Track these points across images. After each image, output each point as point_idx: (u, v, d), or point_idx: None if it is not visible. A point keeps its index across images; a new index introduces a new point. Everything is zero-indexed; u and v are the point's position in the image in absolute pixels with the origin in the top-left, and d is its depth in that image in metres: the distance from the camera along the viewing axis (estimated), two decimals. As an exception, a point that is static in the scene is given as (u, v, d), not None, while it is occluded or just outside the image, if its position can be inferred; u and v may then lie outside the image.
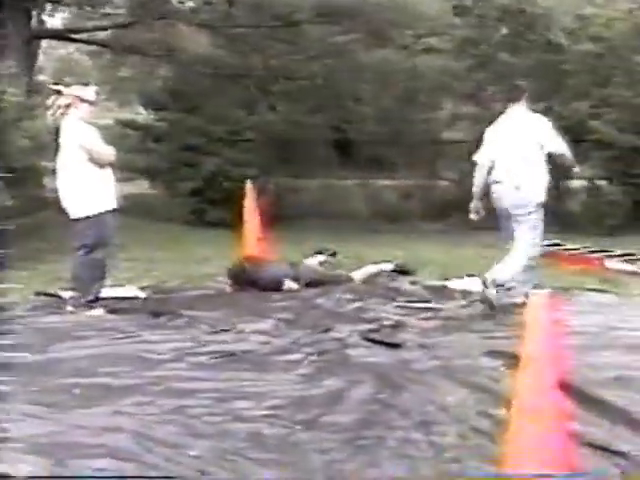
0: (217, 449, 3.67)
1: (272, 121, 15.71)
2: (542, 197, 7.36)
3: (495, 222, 12.61)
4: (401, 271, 8.70)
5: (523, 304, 4.91)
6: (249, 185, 8.94)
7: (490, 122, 7.98)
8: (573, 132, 14.76)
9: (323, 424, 4.05)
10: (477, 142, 12.37)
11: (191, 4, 16.51)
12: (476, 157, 7.94)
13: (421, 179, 16.68)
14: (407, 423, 4.04)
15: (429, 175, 16.69)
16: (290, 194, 16.46)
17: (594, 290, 8.10)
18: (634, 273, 8.95)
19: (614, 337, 5.91)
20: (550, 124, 7.50)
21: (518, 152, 7.41)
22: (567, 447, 2.97)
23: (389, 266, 8.71)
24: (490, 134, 7.79)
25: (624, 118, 13.56)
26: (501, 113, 7.78)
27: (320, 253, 9.04)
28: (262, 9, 14.63)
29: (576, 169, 8.00)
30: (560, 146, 7.45)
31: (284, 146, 16.03)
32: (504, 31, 15.51)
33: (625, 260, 9.29)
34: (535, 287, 6.88)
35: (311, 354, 5.42)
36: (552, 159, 7.44)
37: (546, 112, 15.14)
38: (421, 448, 3.71)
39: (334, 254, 9.25)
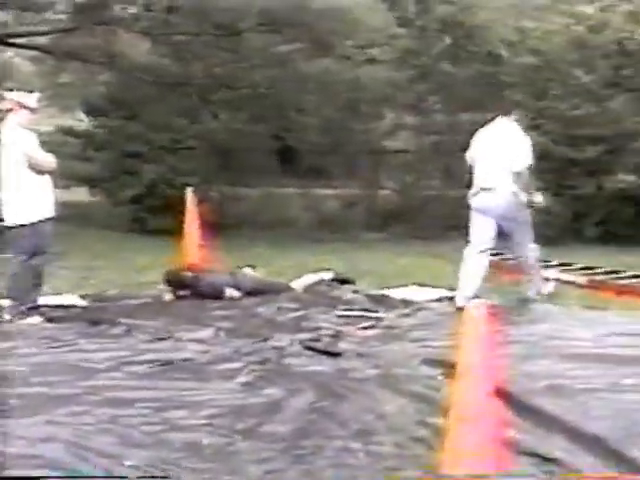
0: (154, 459, 3.63)
1: (214, 129, 15.66)
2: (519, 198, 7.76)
3: (434, 232, 12.71)
4: (341, 280, 8.72)
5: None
6: (190, 193, 8.90)
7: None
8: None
9: (262, 433, 4.03)
10: (419, 152, 12.42)
11: (133, 11, 16.38)
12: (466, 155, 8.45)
13: (363, 188, 16.74)
14: (346, 432, 4.04)
15: (371, 184, 16.75)
16: (231, 202, 16.41)
17: (532, 300, 8.19)
18: (571, 283, 9.07)
19: (551, 346, 5.97)
20: (528, 146, 7.85)
21: (503, 161, 7.77)
22: (503, 455, 3.00)
23: (329, 275, 8.72)
24: (477, 140, 8.29)
25: (559, 130, 13.76)
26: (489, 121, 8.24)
27: (249, 267, 8.93)
28: (204, 17, 14.57)
29: (538, 199, 8.08)
30: (523, 167, 7.75)
31: (226, 154, 15.99)
32: (445, 42, 15.66)
33: (562, 270, 9.40)
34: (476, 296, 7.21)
35: (251, 363, 5.40)
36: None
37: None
38: (359, 457, 3.71)
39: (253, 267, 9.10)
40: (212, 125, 15.90)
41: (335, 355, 5.64)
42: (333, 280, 8.68)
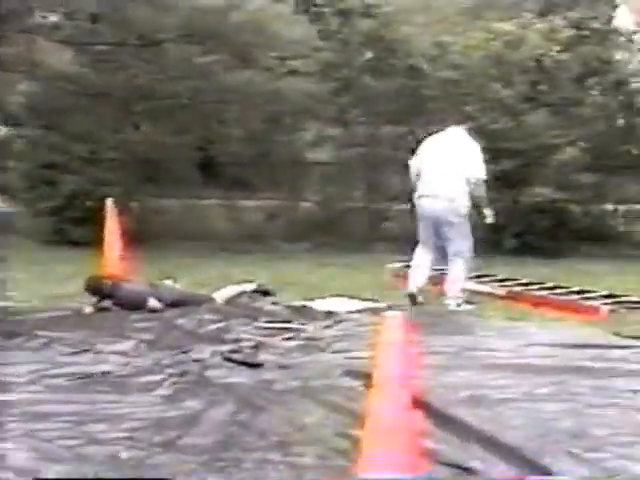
0: (72, 473, 3.59)
1: (135, 140, 15.52)
2: (466, 209, 8.50)
3: (357, 244, 12.84)
4: (263, 292, 8.72)
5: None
6: (110, 204, 8.83)
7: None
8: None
9: (181, 446, 4.02)
10: (341, 164, 12.52)
11: (54, 19, 16.16)
12: (410, 162, 8.97)
13: (285, 200, 16.74)
14: (265, 444, 4.04)
15: (293, 196, 16.77)
16: (153, 214, 16.28)
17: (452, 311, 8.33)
18: (489, 294, 9.20)
19: (470, 357, 6.07)
20: (480, 156, 8.52)
21: (451, 168, 8.48)
22: (420, 465, 3.03)
23: (251, 286, 8.71)
24: (426, 146, 8.87)
25: (479, 143, 13.96)
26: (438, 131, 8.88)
27: (171, 279, 8.87)
28: (126, 27, 14.46)
29: (489, 214, 8.80)
30: (479, 174, 8.48)
31: (148, 166, 15.85)
32: (367, 56, 15.77)
33: (480, 282, 9.54)
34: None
35: (171, 375, 5.38)
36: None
37: (407, 134, 15.59)
38: (279, 469, 3.72)
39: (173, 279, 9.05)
40: (134, 136, 15.77)
41: (256, 366, 5.65)
42: (255, 291, 8.68)
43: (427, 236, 8.76)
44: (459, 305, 8.49)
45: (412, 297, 8.62)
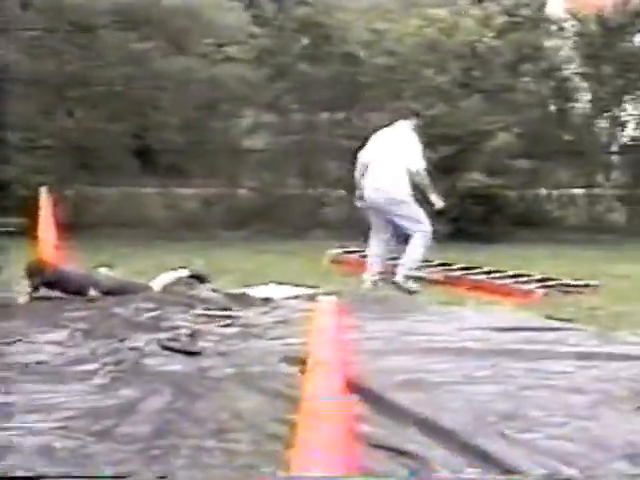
0: (5, 465, 3.55)
1: (70, 128, 15.35)
2: (406, 195, 8.82)
3: (294, 230, 12.87)
4: (198, 277, 8.70)
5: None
6: (45, 193, 8.73)
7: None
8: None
9: (117, 435, 3.99)
10: (277, 151, 12.52)
11: (-18, 5, 15.89)
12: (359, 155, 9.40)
13: (222, 187, 16.68)
14: (202, 431, 4.04)
15: (230, 183, 16.72)
16: (89, 202, 16.14)
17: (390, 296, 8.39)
18: (426, 279, 9.28)
19: (406, 341, 6.11)
20: (419, 146, 8.95)
21: (391, 161, 8.88)
22: (356, 449, 3.05)
23: (185, 272, 8.68)
24: (373, 141, 9.29)
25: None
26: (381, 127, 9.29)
27: (107, 267, 8.82)
28: (58, 13, 14.27)
29: (436, 200, 9.02)
30: (420, 166, 8.87)
31: (83, 153, 15.69)
32: (303, 42, 15.76)
33: (420, 266, 9.59)
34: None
35: (107, 364, 5.34)
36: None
37: (343, 121, 15.64)
38: (215, 456, 3.72)
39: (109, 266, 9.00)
40: (68, 123, 15.59)
41: (193, 354, 5.64)
42: (191, 277, 8.65)
43: (377, 226, 9.14)
44: (405, 282, 8.67)
45: (374, 283, 9.02)
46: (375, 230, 9.20)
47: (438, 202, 8.97)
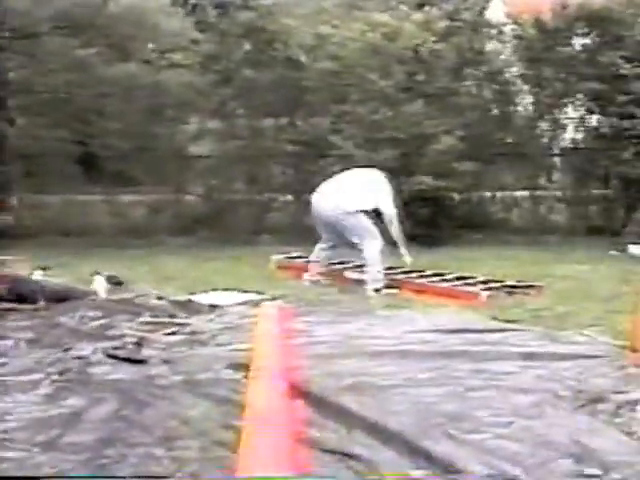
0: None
1: (11, 135, 15.19)
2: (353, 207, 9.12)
3: (241, 236, 12.87)
4: (115, 282, 8.65)
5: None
6: (-15, 201, 8.64)
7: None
8: (315, 147, 15.25)
9: (63, 445, 3.95)
10: (223, 156, 12.48)
11: None
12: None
13: (168, 194, 16.61)
14: (150, 439, 4.01)
15: (176, 190, 16.65)
16: (32, 210, 15.97)
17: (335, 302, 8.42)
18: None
19: (354, 345, 6.12)
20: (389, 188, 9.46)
21: (346, 183, 9.48)
22: (301, 453, 3.06)
23: (100, 278, 8.61)
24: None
25: (359, 134, 14.12)
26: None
27: (43, 269, 8.74)
28: (-1, 19, 14.14)
29: (405, 253, 9.59)
30: (391, 210, 9.37)
31: (25, 161, 15.55)
32: (247, 47, 15.76)
33: (361, 271, 9.64)
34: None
35: (52, 374, 5.29)
36: None
37: (288, 127, 15.65)
38: (163, 464, 3.70)
39: (45, 268, 8.94)
40: (10, 131, 15.42)
41: (139, 362, 5.60)
42: (111, 282, 8.62)
43: (324, 233, 9.54)
44: (378, 290, 8.77)
45: (313, 282, 9.41)
46: (322, 237, 9.62)
47: (407, 257, 9.40)
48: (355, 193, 9.23)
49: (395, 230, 9.35)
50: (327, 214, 9.25)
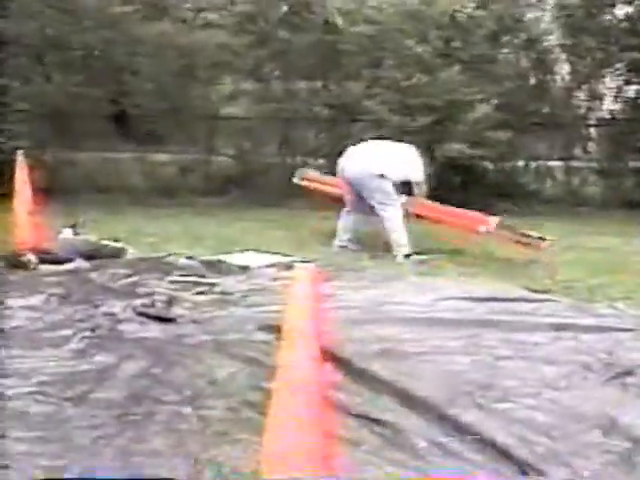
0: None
1: (47, 92, 15.20)
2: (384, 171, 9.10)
3: (272, 199, 12.87)
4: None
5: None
6: (20, 157, 8.65)
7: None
8: (348, 111, 15.17)
9: (92, 400, 3.99)
10: (256, 118, 12.46)
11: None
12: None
13: (199, 154, 16.60)
14: (177, 398, 4.04)
15: (208, 150, 16.63)
16: (66, 167, 16.00)
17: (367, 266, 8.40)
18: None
19: (382, 311, 6.13)
20: (418, 157, 9.51)
21: (379, 150, 9.56)
22: (330, 416, 3.06)
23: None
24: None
25: (394, 99, 14.00)
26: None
27: (72, 227, 8.74)
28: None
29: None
30: (421, 177, 9.41)
31: (59, 118, 15.57)
32: (283, 9, 15.67)
33: None
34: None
35: (82, 330, 5.32)
36: None
37: (322, 90, 15.56)
38: (190, 422, 3.73)
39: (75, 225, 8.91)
40: (45, 87, 15.44)
41: (168, 321, 5.63)
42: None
43: (350, 198, 9.49)
44: (408, 256, 8.81)
45: (343, 248, 9.42)
46: (350, 203, 9.53)
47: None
48: (383, 159, 9.27)
49: (422, 193, 9.54)
50: (354, 176, 9.27)
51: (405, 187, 9.36)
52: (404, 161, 9.33)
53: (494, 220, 9.16)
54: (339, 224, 9.57)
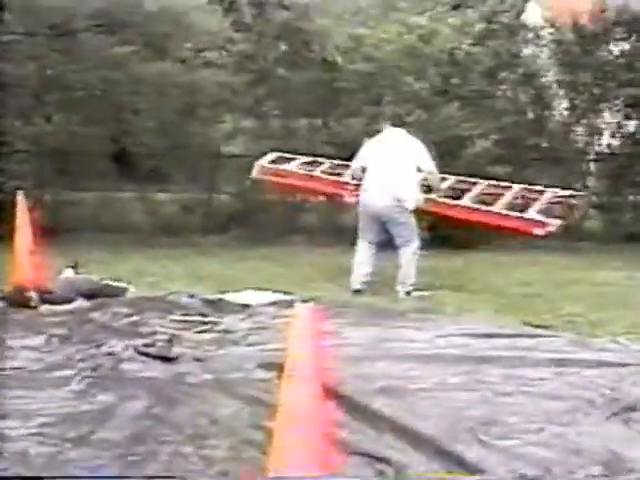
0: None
1: (48, 132, 15.28)
2: (412, 205, 8.84)
3: (273, 236, 12.85)
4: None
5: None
6: (21, 197, 8.68)
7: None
8: (349, 148, 15.21)
9: (94, 441, 3.98)
10: (256, 156, 12.54)
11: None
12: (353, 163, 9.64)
13: (200, 192, 16.65)
14: (180, 437, 4.03)
15: (209, 189, 16.68)
16: (66, 206, 16.05)
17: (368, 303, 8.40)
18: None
19: (385, 348, 6.12)
20: (425, 148, 9.06)
21: (399, 166, 8.87)
22: (332, 455, 3.06)
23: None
24: (368, 148, 9.28)
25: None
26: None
27: (73, 267, 8.75)
28: (36, 16, 14.22)
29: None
30: (432, 167, 9.11)
31: (61, 158, 15.62)
32: (282, 48, 15.77)
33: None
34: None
35: (84, 370, 5.31)
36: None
37: (322, 127, 15.62)
38: (192, 462, 3.72)
39: (76, 265, 8.91)
40: (46, 128, 15.51)
41: (170, 360, 5.62)
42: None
43: (369, 231, 9.07)
44: (409, 293, 8.73)
45: (357, 292, 8.99)
46: (364, 235, 9.12)
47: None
48: (412, 182, 8.94)
49: (436, 178, 9.33)
50: (380, 211, 8.88)
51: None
52: (419, 161, 9.02)
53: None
54: (358, 257, 9.12)
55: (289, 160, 11.21)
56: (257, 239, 14.32)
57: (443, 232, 13.57)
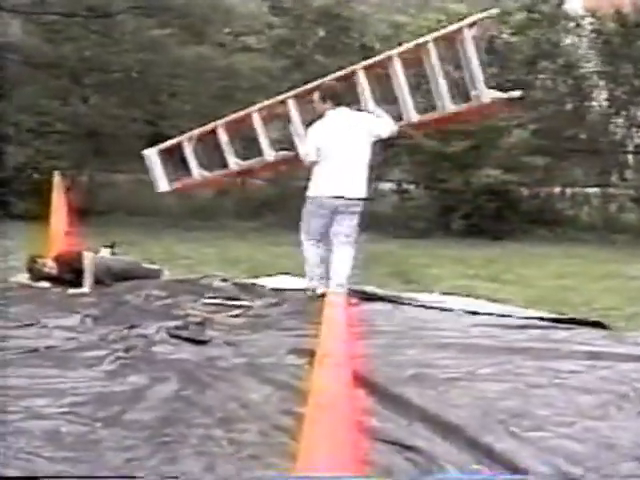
0: (11, 448, 3.55)
1: (85, 113, 15.37)
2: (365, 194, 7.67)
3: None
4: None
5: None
6: (58, 178, 8.73)
7: (304, 122, 8.25)
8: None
9: (124, 421, 3.99)
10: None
11: (1, -13, 15.89)
12: (303, 153, 7.97)
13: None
14: (209, 420, 4.03)
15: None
16: (102, 188, 16.16)
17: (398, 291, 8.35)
18: None
19: (415, 336, 6.09)
20: (372, 115, 7.82)
21: (352, 152, 7.62)
22: (361, 442, 3.04)
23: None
24: (316, 132, 7.74)
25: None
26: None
27: (110, 247, 8.76)
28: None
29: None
30: (389, 123, 7.90)
31: (97, 139, 15.72)
32: (321, 33, 15.74)
33: None
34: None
35: (116, 351, 5.34)
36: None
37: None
38: (221, 445, 3.71)
39: (113, 245, 8.89)
40: (83, 109, 15.60)
41: (201, 343, 5.63)
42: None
43: (323, 230, 7.85)
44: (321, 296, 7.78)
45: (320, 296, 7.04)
46: (312, 233, 7.94)
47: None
48: (365, 173, 7.72)
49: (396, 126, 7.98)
50: (338, 201, 7.66)
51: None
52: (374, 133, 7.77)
53: None
54: (312, 260, 7.81)
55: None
56: (291, 225, 14.28)
57: (478, 222, 13.54)
